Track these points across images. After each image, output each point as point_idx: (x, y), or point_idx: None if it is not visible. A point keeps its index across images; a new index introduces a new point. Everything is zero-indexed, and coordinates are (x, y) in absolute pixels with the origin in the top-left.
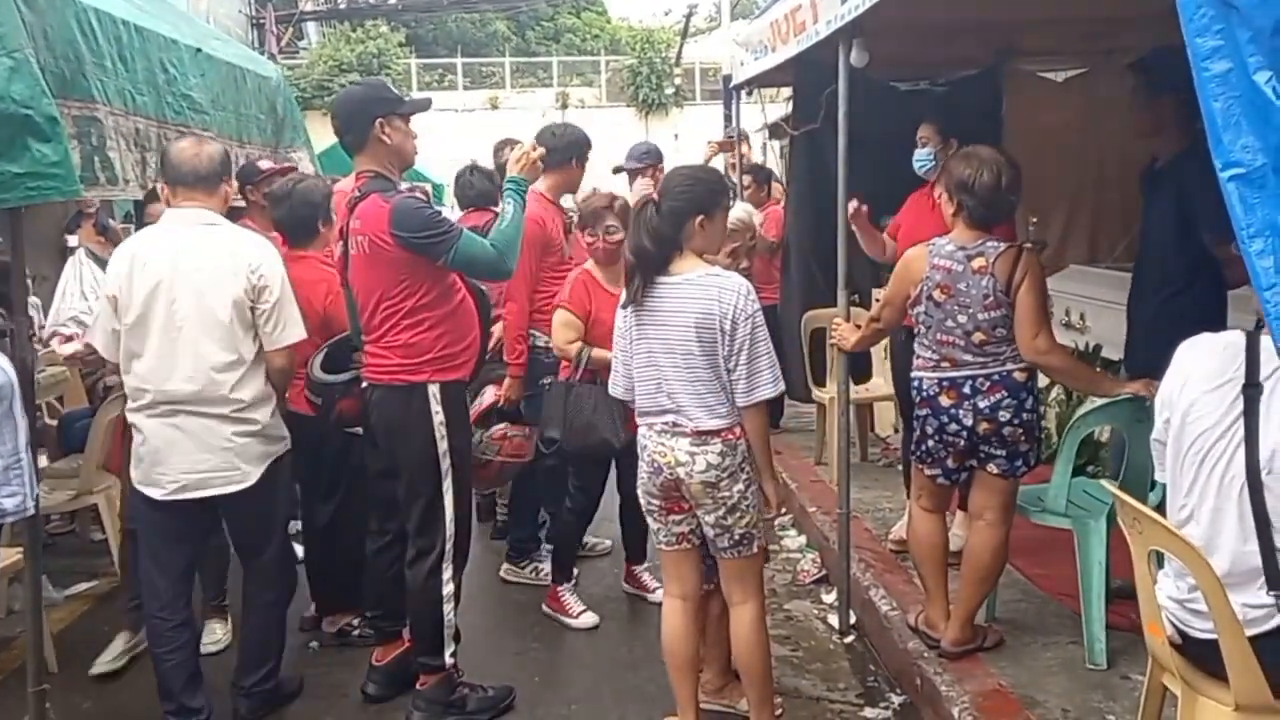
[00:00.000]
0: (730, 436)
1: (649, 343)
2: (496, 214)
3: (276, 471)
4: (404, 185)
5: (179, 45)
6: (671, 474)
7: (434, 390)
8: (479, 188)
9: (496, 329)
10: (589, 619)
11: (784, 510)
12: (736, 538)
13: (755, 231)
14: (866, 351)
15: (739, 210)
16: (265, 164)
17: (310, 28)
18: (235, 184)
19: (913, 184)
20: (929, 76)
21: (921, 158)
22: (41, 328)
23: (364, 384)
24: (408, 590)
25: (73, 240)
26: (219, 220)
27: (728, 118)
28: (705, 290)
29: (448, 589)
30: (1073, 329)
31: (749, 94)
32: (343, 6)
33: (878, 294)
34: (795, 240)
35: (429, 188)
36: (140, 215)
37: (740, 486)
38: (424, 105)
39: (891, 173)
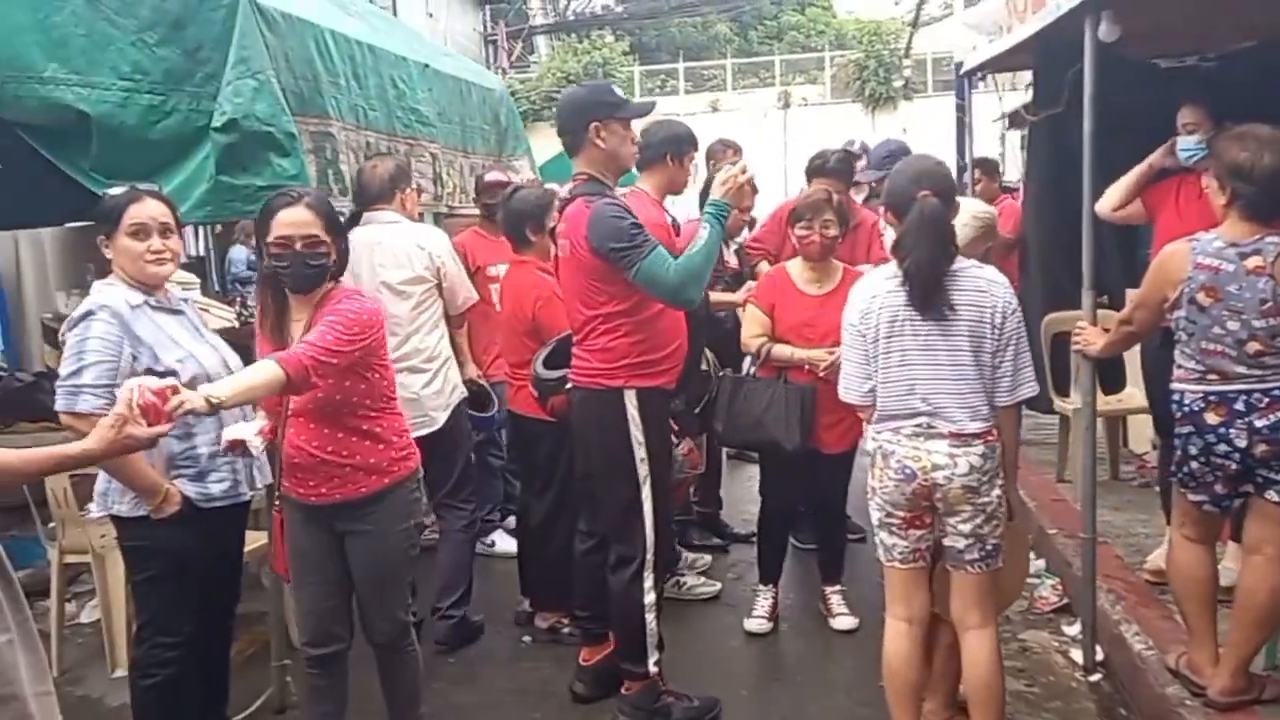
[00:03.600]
0: (990, 438)
1: (905, 340)
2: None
3: (459, 418)
4: (621, 191)
5: (407, 62)
6: (927, 479)
7: (630, 395)
8: None
9: None
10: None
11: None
12: (989, 549)
13: (995, 230)
14: (1119, 358)
15: (977, 206)
16: (493, 176)
17: (540, 41)
18: (411, 191)
19: (1173, 175)
20: (1197, 51)
21: (1189, 147)
22: None
23: (568, 384)
24: (610, 597)
25: None
26: (399, 219)
27: (960, 108)
28: (974, 283)
29: (649, 598)
30: None
31: (982, 79)
32: (570, 19)
33: (1133, 294)
34: (1035, 236)
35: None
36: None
37: (997, 492)
38: (647, 109)
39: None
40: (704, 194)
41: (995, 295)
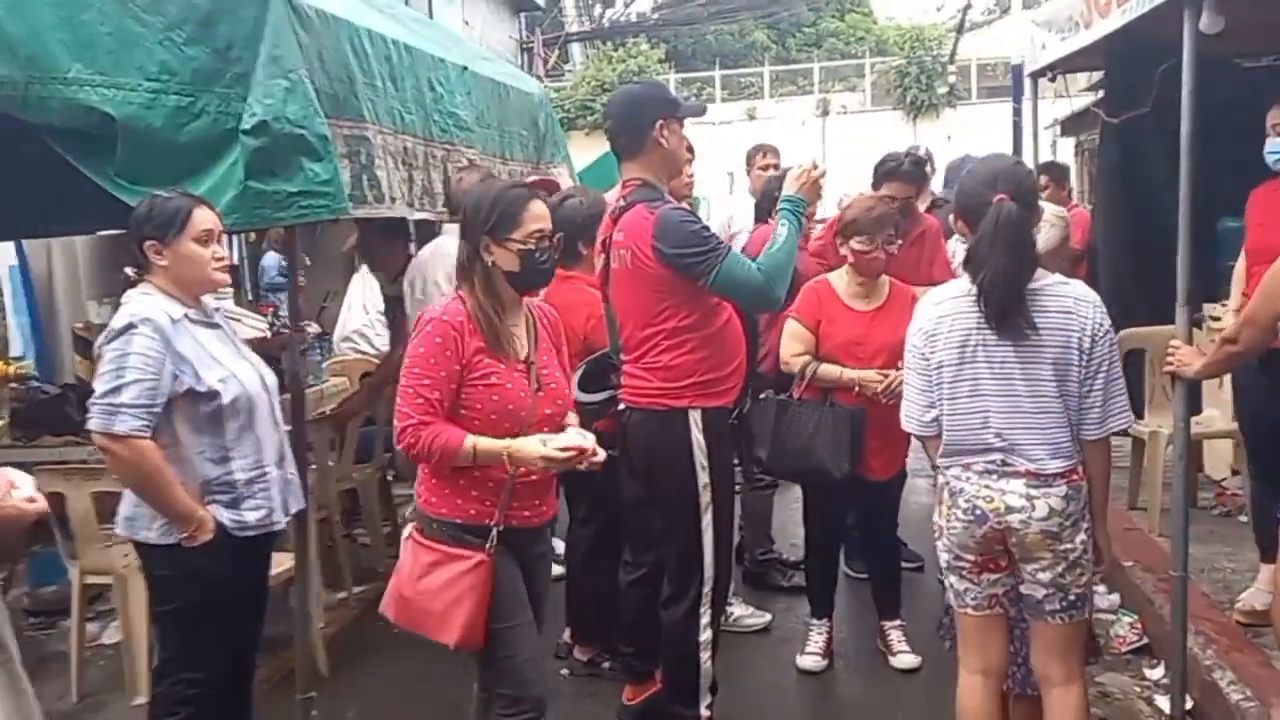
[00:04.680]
0: (1075, 478)
1: (978, 366)
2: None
3: None
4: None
5: (445, 64)
6: (1000, 522)
7: (695, 416)
8: None
9: None
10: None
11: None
12: (1072, 599)
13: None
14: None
15: (1053, 206)
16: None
17: (575, 49)
18: None
19: (1257, 180)
20: (1275, 51)
21: (1278, 149)
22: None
23: (621, 406)
24: (663, 633)
25: None
26: None
27: (1017, 111)
28: (1060, 302)
29: (705, 635)
30: None
31: (1052, 79)
32: (605, 26)
33: (1211, 309)
34: (1105, 247)
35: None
36: None
37: (1082, 536)
38: (698, 110)
39: (1231, 167)
40: (759, 202)
41: (1084, 316)
